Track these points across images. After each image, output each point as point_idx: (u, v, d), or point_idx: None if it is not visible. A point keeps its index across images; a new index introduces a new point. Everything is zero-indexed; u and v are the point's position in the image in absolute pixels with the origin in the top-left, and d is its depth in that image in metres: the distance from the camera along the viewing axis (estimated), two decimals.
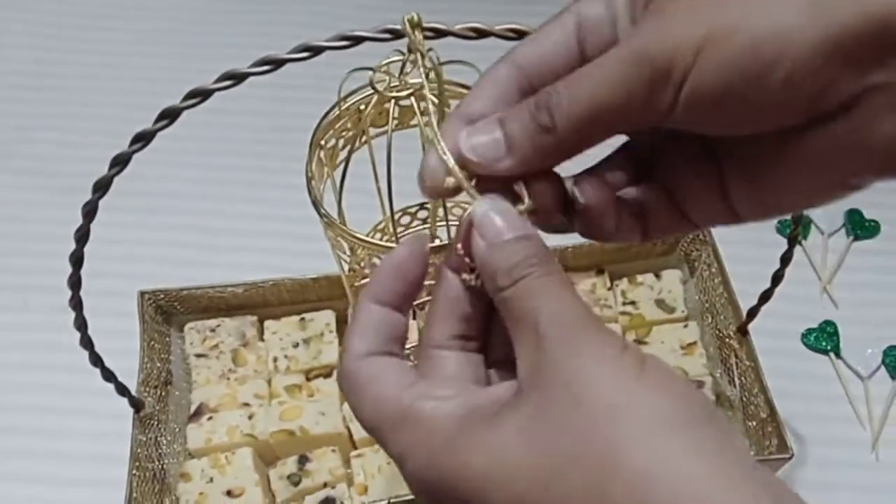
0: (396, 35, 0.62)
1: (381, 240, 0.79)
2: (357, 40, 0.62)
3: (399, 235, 0.84)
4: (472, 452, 0.46)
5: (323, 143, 0.76)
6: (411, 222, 0.90)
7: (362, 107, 0.75)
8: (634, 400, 0.44)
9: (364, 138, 0.78)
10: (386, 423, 0.51)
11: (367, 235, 0.78)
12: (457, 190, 0.54)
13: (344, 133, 0.77)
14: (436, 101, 0.68)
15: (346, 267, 0.82)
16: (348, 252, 0.78)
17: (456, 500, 0.47)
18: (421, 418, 0.49)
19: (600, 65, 0.49)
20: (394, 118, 0.74)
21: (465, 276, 0.53)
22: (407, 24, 0.61)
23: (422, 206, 0.89)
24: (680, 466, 0.42)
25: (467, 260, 0.53)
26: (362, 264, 0.78)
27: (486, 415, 0.48)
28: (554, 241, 1.11)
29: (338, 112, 0.75)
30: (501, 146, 0.53)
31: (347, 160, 0.77)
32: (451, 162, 0.53)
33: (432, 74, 0.66)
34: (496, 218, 0.53)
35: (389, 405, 0.50)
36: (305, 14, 1.65)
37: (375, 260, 0.77)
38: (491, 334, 0.56)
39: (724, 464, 0.42)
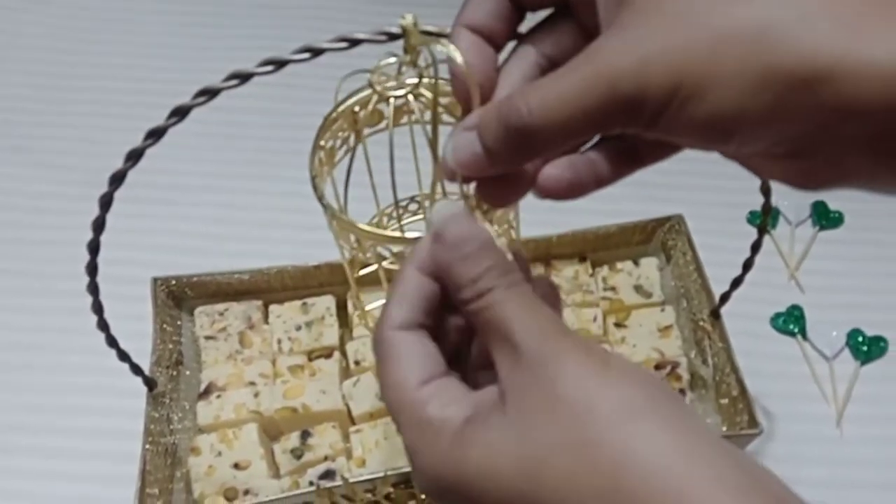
0: (392, 37, 0.62)
1: (381, 230, 0.79)
2: (355, 42, 0.62)
3: (397, 227, 0.84)
4: (468, 452, 0.48)
5: (322, 143, 0.76)
6: (402, 214, 0.90)
7: (356, 109, 0.75)
8: (602, 394, 0.45)
9: (359, 138, 0.78)
10: (403, 414, 0.52)
11: (366, 226, 0.78)
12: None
13: (341, 134, 0.77)
14: (429, 95, 0.68)
15: (347, 256, 0.82)
16: (354, 243, 0.78)
17: (457, 494, 0.49)
18: (431, 421, 0.50)
19: (567, 82, 0.48)
20: (387, 118, 0.74)
21: None
22: (408, 25, 0.61)
23: (412, 199, 0.89)
24: (647, 448, 0.43)
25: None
26: (368, 254, 0.78)
27: (479, 419, 0.49)
28: (539, 230, 1.12)
29: (335, 115, 0.75)
30: (483, 159, 0.53)
31: (352, 159, 0.77)
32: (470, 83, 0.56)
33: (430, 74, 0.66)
34: (456, 225, 0.53)
35: (408, 398, 0.51)
36: (307, 18, 1.64)
37: (380, 249, 0.77)
38: (473, 340, 0.57)
39: (686, 439, 0.44)
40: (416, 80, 0.68)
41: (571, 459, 0.44)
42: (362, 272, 0.86)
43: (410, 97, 0.71)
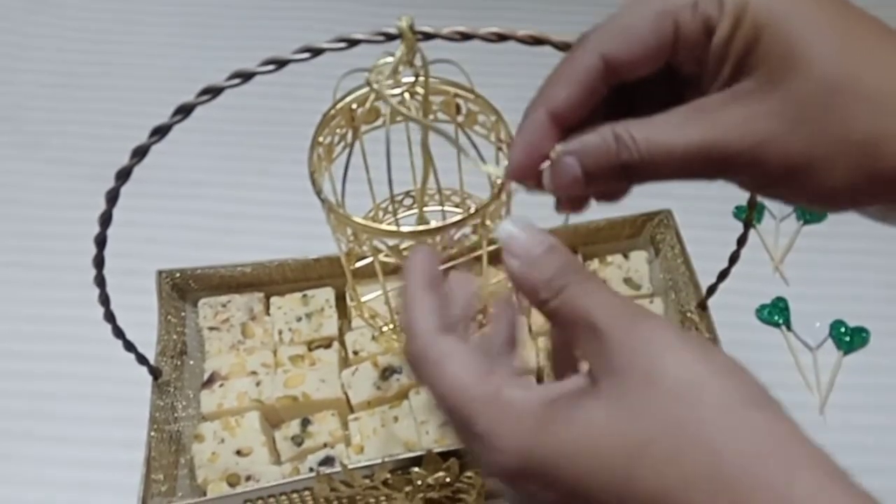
0: (390, 37, 0.62)
1: (376, 224, 0.80)
2: (354, 42, 0.62)
3: (391, 221, 0.85)
4: (563, 430, 0.46)
5: (321, 140, 0.76)
6: (398, 208, 0.90)
7: (354, 106, 0.75)
8: (706, 381, 0.45)
9: (356, 135, 0.78)
10: (471, 404, 0.50)
11: (362, 220, 0.78)
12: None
13: (339, 130, 0.77)
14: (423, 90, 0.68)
15: (344, 249, 0.83)
16: (351, 236, 0.78)
17: (544, 474, 0.47)
18: (513, 402, 0.49)
19: (679, 139, 0.51)
20: (382, 115, 0.75)
21: None
22: (404, 27, 0.61)
23: (407, 194, 0.90)
24: (746, 444, 0.43)
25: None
26: (363, 247, 0.79)
27: (568, 401, 0.47)
28: None
29: (333, 112, 0.75)
30: (581, 183, 0.54)
31: (349, 155, 0.78)
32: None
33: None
34: (522, 235, 0.53)
35: (475, 388, 0.50)
36: (307, 19, 1.65)
37: (376, 242, 0.77)
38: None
39: (783, 443, 0.44)
40: (412, 80, 0.68)
41: (677, 439, 0.43)
42: (359, 264, 0.86)
43: (406, 95, 0.71)
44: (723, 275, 1.01)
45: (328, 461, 1.01)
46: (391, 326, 0.93)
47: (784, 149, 0.49)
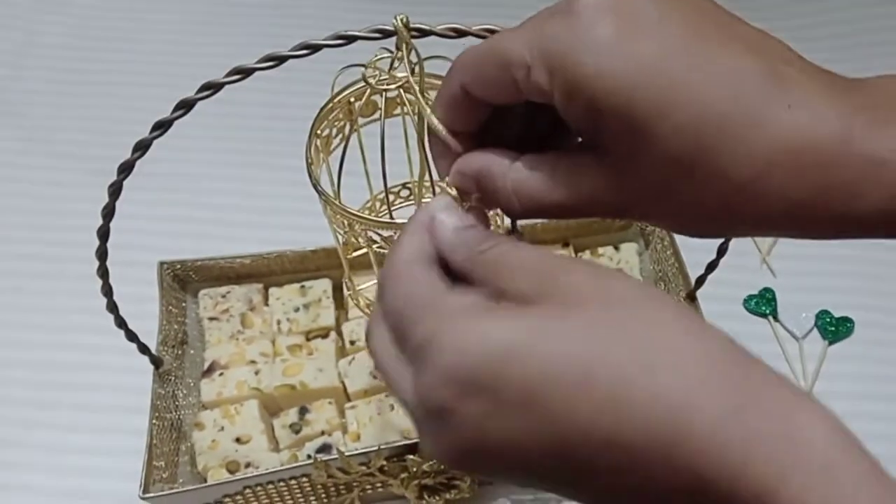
0: (385, 34, 0.62)
1: (372, 215, 0.80)
2: (351, 39, 0.62)
3: (390, 210, 0.84)
4: (516, 323, 0.42)
5: (319, 132, 0.76)
6: (394, 200, 0.90)
7: (352, 99, 0.75)
8: (655, 293, 0.44)
9: (354, 127, 0.78)
10: (414, 309, 0.46)
11: (359, 212, 0.78)
12: None
13: (337, 123, 0.77)
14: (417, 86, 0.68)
15: (341, 240, 0.82)
16: (346, 227, 0.78)
17: (488, 370, 0.42)
18: (449, 303, 0.45)
19: (553, 197, 0.52)
20: (380, 108, 0.74)
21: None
22: (399, 24, 0.61)
23: (404, 186, 0.90)
24: (715, 348, 0.41)
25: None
26: (359, 238, 0.79)
27: (521, 305, 0.44)
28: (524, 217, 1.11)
29: (331, 105, 0.75)
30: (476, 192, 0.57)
31: (345, 147, 0.78)
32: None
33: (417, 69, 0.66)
34: (455, 210, 0.53)
35: (421, 293, 0.47)
36: (305, 17, 1.65)
37: (371, 234, 0.77)
38: None
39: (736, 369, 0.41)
40: (405, 75, 0.68)
41: (635, 342, 0.41)
42: (355, 254, 0.86)
43: (401, 90, 0.71)
44: (711, 266, 1.01)
45: (325, 448, 1.01)
46: None
47: (643, 212, 0.51)
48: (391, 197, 0.90)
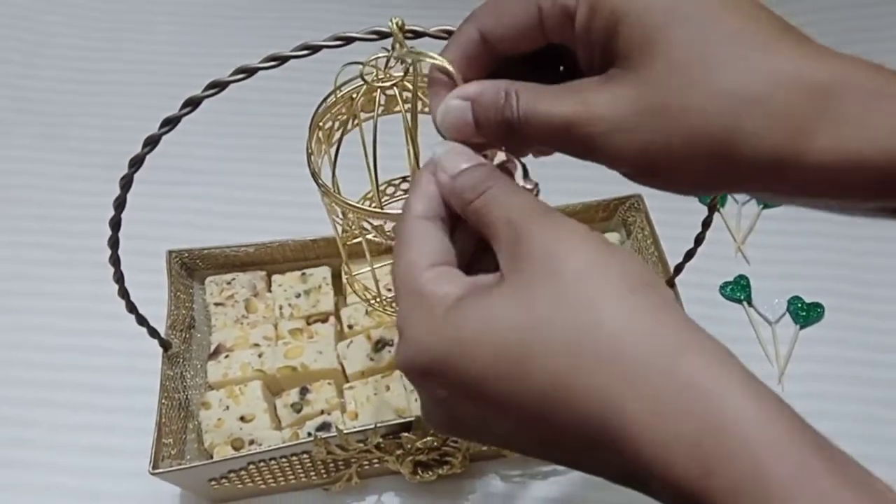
0: (382, 35, 0.62)
1: (368, 206, 0.80)
2: (349, 40, 0.62)
3: (384, 203, 0.85)
4: (464, 319, 0.45)
5: (321, 124, 0.76)
6: (395, 192, 0.90)
7: (354, 95, 0.75)
8: (600, 268, 0.44)
9: (356, 121, 0.78)
10: (403, 289, 0.50)
11: (358, 202, 0.78)
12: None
13: (339, 117, 0.77)
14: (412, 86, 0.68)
15: (339, 229, 0.83)
16: (341, 216, 0.78)
17: (444, 364, 0.46)
18: (429, 296, 0.47)
19: (556, 112, 0.50)
20: (380, 105, 0.75)
21: None
22: (394, 27, 0.61)
23: (404, 179, 0.90)
24: (634, 325, 0.42)
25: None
26: (353, 227, 0.79)
27: (477, 292, 0.46)
28: None
29: (334, 99, 0.75)
30: (471, 129, 0.54)
31: (340, 140, 0.78)
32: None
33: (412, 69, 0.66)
34: (453, 154, 0.53)
35: (412, 279, 0.49)
36: (305, 19, 1.65)
37: (364, 223, 0.78)
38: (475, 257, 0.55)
39: (670, 325, 0.43)
40: (401, 74, 0.69)
41: (567, 323, 0.42)
42: (352, 243, 0.87)
43: (396, 89, 0.71)
44: (689, 255, 1.02)
45: (325, 427, 1.01)
46: (378, 300, 0.93)
47: (641, 137, 0.48)
48: (392, 189, 0.90)
